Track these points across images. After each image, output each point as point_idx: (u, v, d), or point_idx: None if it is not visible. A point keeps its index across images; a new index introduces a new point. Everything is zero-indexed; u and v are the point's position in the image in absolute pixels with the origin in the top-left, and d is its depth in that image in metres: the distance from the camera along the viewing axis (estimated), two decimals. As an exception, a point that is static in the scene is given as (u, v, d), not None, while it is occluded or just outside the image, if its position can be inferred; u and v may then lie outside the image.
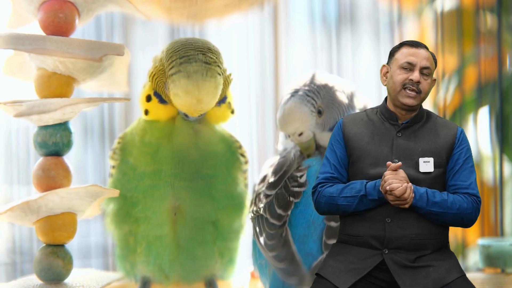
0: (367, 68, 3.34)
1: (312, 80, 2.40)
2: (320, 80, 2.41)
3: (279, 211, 2.29)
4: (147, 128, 2.32)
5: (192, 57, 2.17)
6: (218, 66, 2.21)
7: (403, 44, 1.95)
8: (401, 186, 1.82)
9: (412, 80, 1.90)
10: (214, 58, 2.20)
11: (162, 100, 2.27)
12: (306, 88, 2.37)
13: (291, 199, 2.30)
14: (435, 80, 1.97)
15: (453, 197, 1.89)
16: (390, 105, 1.96)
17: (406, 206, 1.85)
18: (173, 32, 3.25)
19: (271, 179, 2.35)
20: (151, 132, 2.31)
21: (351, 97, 2.44)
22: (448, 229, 1.94)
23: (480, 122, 3.16)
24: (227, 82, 2.31)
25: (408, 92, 1.91)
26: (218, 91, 2.20)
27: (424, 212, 1.86)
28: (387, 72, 1.96)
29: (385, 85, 1.97)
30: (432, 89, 1.97)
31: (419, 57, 1.92)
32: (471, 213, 1.89)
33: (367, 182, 1.89)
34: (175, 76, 2.16)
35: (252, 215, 2.39)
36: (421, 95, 1.91)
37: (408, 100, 1.91)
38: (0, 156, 3.17)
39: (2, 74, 2.43)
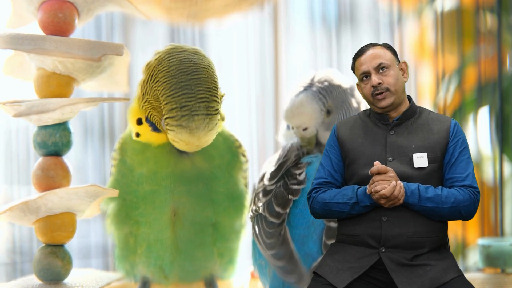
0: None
1: (327, 79, 2.40)
2: (335, 80, 2.41)
3: (277, 209, 2.30)
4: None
5: (194, 110, 2.09)
6: (218, 111, 2.14)
7: (354, 60, 1.98)
8: (387, 186, 1.83)
9: (373, 86, 1.92)
10: (215, 104, 2.13)
11: (155, 129, 2.24)
12: (320, 85, 2.37)
13: (290, 197, 2.30)
14: (404, 62, 1.98)
15: (448, 191, 1.88)
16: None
17: (401, 201, 1.85)
18: (173, 32, 3.25)
19: (271, 169, 2.36)
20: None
21: (357, 99, 2.45)
22: (446, 227, 1.93)
23: (480, 122, 3.16)
24: (221, 100, 2.24)
25: (378, 97, 1.92)
26: (215, 134, 2.18)
27: (418, 208, 1.86)
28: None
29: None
30: (405, 73, 1.97)
31: (366, 62, 1.94)
32: (469, 205, 1.88)
33: (357, 188, 1.90)
34: (176, 129, 2.10)
35: (252, 214, 2.39)
36: (391, 90, 1.92)
37: (382, 102, 1.93)
38: (0, 156, 3.17)
39: (3, 74, 2.43)
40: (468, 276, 2.38)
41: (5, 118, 3.02)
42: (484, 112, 3.16)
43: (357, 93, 2.45)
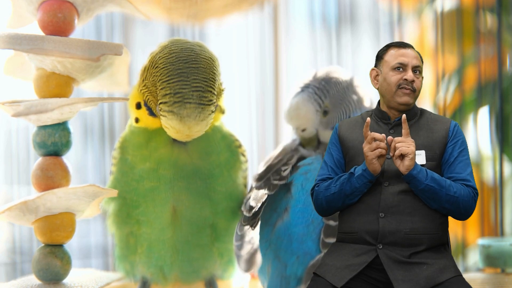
0: (367, 68, 3.34)
1: (324, 78, 2.41)
2: (334, 78, 2.42)
3: (252, 203, 2.29)
4: (142, 129, 2.31)
5: (187, 98, 2.10)
6: (212, 102, 2.14)
7: (389, 46, 1.99)
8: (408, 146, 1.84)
9: (406, 79, 1.93)
10: (209, 94, 2.13)
11: (152, 113, 2.25)
12: (316, 85, 2.39)
13: (266, 191, 2.30)
14: (423, 77, 2.00)
15: (451, 182, 1.89)
16: (383, 107, 1.99)
17: (407, 163, 1.84)
18: (173, 32, 3.25)
19: (260, 170, 2.38)
20: (145, 133, 2.30)
21: (358, 94, 2.44)
22: (446, 226, 1.93)
23: (480, 122, 3.16)
24: (220, 93, 2.26)
25: (405, 90, 1.93)
26: (208, 126, 2.17)
27: (423, 187, 1.85)
28: (377, 75, 1.99)
29: (377, 88, 1.99)
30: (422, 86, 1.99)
31: (409, 57, 1.95)
32: (468, 201, 1.89)
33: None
34: (168, 114, 2.11)
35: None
36: (415, 93, 1.95)
37: (405, 98, 1.93)
38: (0, 156, 3.17)
39: (3, 74, 2.43)
40: (468, 276, 2.38)
41: (5, 118, 3.02)
42: (484, 112, 3.16)
43: (358, 88, 2.45)
